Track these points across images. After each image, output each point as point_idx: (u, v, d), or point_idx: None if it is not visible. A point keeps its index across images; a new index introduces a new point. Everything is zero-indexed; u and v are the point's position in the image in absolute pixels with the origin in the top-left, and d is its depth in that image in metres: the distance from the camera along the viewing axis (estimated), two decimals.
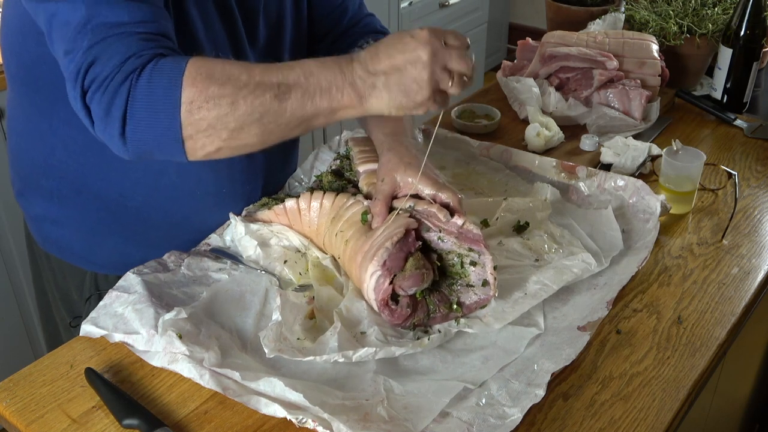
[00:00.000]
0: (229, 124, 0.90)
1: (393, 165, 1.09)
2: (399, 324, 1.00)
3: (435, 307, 1.01)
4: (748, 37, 1.58)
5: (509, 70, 1.72)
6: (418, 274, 0.99)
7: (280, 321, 0.99)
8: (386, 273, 0.99)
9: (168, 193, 1.17)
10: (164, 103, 0.88)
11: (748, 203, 1.34)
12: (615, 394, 0.95)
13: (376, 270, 0.99)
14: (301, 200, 1.14)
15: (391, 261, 0.99)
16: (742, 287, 1.14)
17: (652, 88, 1.58)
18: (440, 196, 1.05)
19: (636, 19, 1.78)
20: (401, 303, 0.99)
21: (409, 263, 1.00)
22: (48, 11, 0.91)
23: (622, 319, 1.07)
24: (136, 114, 0.88)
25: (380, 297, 0.99)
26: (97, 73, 0.88)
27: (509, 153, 1.41)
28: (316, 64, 0.92)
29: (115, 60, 0.87)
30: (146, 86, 0.87)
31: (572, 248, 1.15)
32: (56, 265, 1.27)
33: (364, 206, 1.08)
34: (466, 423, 0.88)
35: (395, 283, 0.99)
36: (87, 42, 0.88)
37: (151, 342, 0.97)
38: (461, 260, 1.03)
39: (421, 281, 0.99)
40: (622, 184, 1.29)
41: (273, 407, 0.88)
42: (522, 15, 4.23)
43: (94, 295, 1.24)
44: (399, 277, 0.99)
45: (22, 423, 0.91)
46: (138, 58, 0.88)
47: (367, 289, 1.01)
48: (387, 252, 0.99)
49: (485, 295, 1.02)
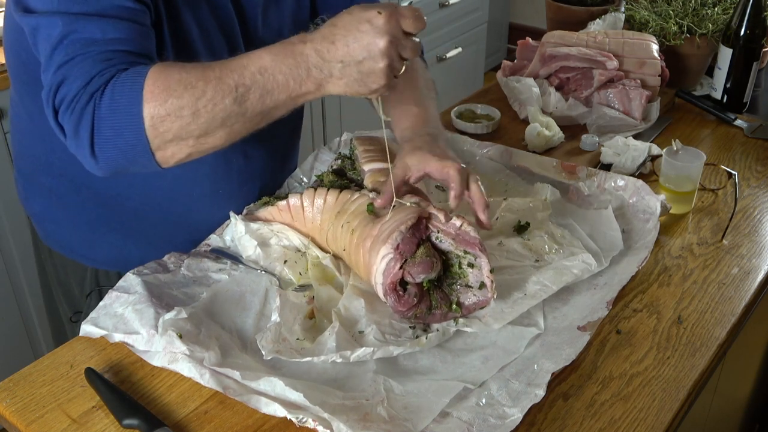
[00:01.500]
0: (194, 132, 0.91)
1: (406, 152, 1.09)
2: (403, 312, 1.00)
3: (437, 303, 1.02)
4: (748, 37, 1.58)
5: (509, 70, 1.72)
6: (429, 261, 0.99)
7: (279, 322, 0.99)
8: (398, 256, 0.98)
9: (164, 194, 1.18)
10: (128, 121, 0.89)
11: (748, 203, 1.34)
12: (615, 394, 0.95)
13: (389, 252, 0.99)
14: (304, 196, 1.14)
15: (404, 245, 0.99)
16: (742, 287, 1.14)
17: (652, 88, 1.58)
18: (452, 185, 1.05)
19: (636, 19, 1.78)
20: (409, 291, 0.99)
21: (420, 250, 1.00)
22: (30, 24, 0.93)
23: (622, 319, 1.07)
24: (103, 133, 0.90)
25: (389, 280, 0.99)
26: (65, 93, 0.90)
27: (509, 153, 1.41)
28: (270, 57, 0.91)
29: (80, 81, 0.89)
30: (109, 106, 0.89)
31: (573, 249, 1.15)
32: (58, 260, 1.28)
33: (370, 198, 1.08)
34: (466, 423, 0.88)
35: (405, 269, 0.99)
36: (59, 60, 0.90)
37: (151, 342, 0.97)
38: (459, 261, 1.03)
39: (431, 269, 0.99)
40: (622, 184, 1.29)
41: (273, 407, 0.88)
42: (522, 15, 4.23)
43: (95, 290, 1.24)
44: (409, 262, 0.99)
45: (22, 423, 0.91)
46: (101, 77, 0.90)
47: (375, 272, 1.00)
48: (401, 235, 0.99)
49: (484, 297, 1.02)
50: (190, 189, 1.18)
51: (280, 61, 0.91)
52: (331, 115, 2.77)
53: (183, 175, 1.16)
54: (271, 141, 1.26)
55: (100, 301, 1.04)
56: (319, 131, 2.75)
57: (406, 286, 1.00)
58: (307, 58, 0.90)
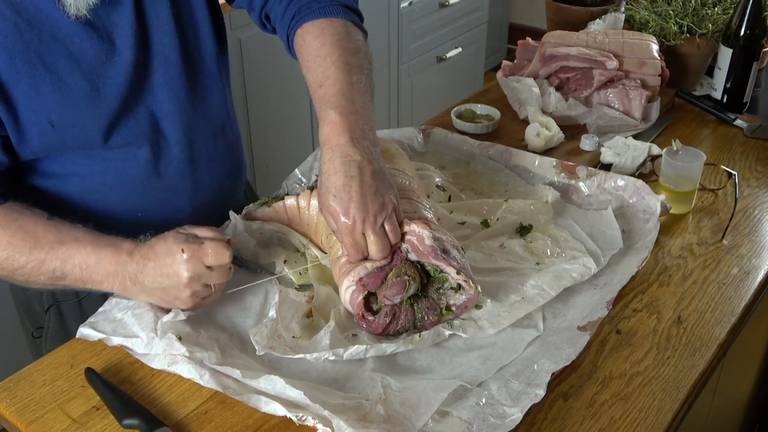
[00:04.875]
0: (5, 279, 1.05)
1: (319, 188, 1.01)
2: (380, 333, 0.99)
3: (423, 314, 1.01)
4: (748, 37, 1.58)
5: (509, 70, 1.72)
6: (400, 282, 0.98)
7: (276, 318, 0.99)
8: (361, 288, 0.98)
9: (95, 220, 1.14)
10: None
11: (748, 203, 1.34)
12: (615, 394, 0.95)
13: (351, 285, 0.99)
14: (300, 198, 1.14)
15: (369, 278, 0.98)
16: (742, 287, 1.14)
17: (652, 88, 1.58)
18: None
19: (636, 19, 1.78)
20: (379, 313, 0.99)
21: (390, 273, 0.99)
22: None
23: (622, 319, 1.07)
24: None
25: (355, 311, 0.99)
26: None
27: (509, 153, 1.41)
28: (95, 259, 1.00)
29: None
30: None
31: (574, 252, 1.15)
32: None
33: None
34: (466, 422, 0.88)
35: (379, 293, 0.98)
36: None
37: (151, 345, 0.97)
38: (433, 267, 1.01)
39: (404, 289, 0.98)
40: (622, 184, 1.29)
41: (273, 405, 0.88)
42: (522, 15, 4.23)
43: (53, 305, 1.23)
44: (382, 287, 0.98)
45: (22, 423, 0.91)
46: None
47: (344, 302, 1.01)
48: (365, 270, 0.99)
49: (469, 295, 1.01)
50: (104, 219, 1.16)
51: (102, 265, 1.00)
52: None
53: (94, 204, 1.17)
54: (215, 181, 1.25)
55: (101, 307, 1.04)
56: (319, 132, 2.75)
57: (375, 308, 0.99)
58: (125, 269, 1.00)
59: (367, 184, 0.97)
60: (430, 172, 1.33)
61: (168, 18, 1.10)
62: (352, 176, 0.97)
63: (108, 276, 1.00)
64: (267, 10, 1.20)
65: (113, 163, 1.13)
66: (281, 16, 1.16)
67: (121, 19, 1.06)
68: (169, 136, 1.15)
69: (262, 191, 1.95)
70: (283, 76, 2.49)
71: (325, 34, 1.09)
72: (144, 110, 1.11)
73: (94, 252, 1.00)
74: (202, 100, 1.18)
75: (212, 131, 1.21)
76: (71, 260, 1.00)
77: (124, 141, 1.11)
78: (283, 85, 2.52)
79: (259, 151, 2.48)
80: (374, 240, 0.97)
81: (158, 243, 0.99)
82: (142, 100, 1.11)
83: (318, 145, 1.04)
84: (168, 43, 1.11)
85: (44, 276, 1.01)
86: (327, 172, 0.98)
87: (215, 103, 1.21)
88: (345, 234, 0.97)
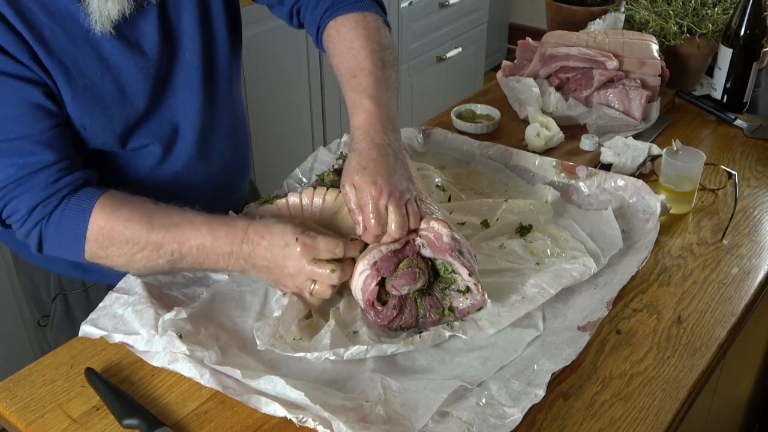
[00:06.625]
0: (122, 268, 1.06)
1: (353, 170, 1.02)
2: (385, 325, 1.00)
3: (426, 311, 1.01)
4: (748, 37, 1.58)
5: (509, 70, 1.72)
6: (411, 272, 0.98)
7: (279, 318, 0.99)
8: (375, 273, 0.98)
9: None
10: (71, 248, 1.04)
11: (748, 203, 1.34)
12: (615, 394, 0.95)
13: (366, 269, 0.99)
14: (303, 195, 1.14)
15: (383, 262, 0.99)
16: (742, 287, 1.14)
17: (652, 88, 1.58)
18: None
19: (636, 19, 1.78)
20: (388, 304, 0.99)
21: (402, 263, 1.00)
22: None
23: (622, 319, 1.07)
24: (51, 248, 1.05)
25: (366, 297, 0.99)
26: (10, 213, 1.02)
27: (509, 153, 1.41)
28: (211, 239, 1.01)
29: (22, 211, 1.01)
30: (55, 231, 1.02)
31: (574, 252, 1.15)
32: (23, 265, 1.28)
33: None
34: (466, 423, 0.88)
35: (388, 282, 0.99)
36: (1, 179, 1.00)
37: (151, 342, 0.97)
38: (445, 267, 1.02)
39: (413, 280, 0.98)
40: (622, 184, 1.29)
41: (273, 406, 0.88)
42: (522, 15, 4.23)
43: (60, 294, 1.24)
44: (392, 276, 0.99)
45: (22, 423, 0.91)
46: (44, 208, 1.01)
47: (355, 287, 1.01)
48: (380, 254, 0.99)
49: (475, 300, 1.01)
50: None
51: (218, 246, 1.02)
52: (331, 116, 2.77)
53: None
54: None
55: (101, 302, 1.05)
56: (319, 132, 2.76)
57: (385, 299, 1.00)
58: (239, 252, 1.01)
59: (396, 165, 1.03)
60: (430, 172, 1.33)
61: (190, 22, 1.12)
62: (384, 155, 1.02)
63: (225, 255, 1.02)
64: (300, 4, 1.23)
65: (123, 159, 1.14)
66: (313, 8, 1.21)
67: (147, 27, 1.07)
68: (186, 137, 1.17)
69: (262, 191, 1.94)
70: (284, 76, 2.49)
71: (359, 27, 1.14)
72: (166, 112, 1.13)
73: (210, 233, 1.01)
74: (218, 101, 1.20)
75: (225, 131, 1.24)
76: (188, 242, 1.01)
77: (141, 143, 1.13)
78: (284, 85, 2.52)
79: (259, 151, 2.48)
80: (396, 215, 0.99)
81: (276, 225, 1.01)
82: (165, 103, 1.13)
83: (318, 145, 1.05)
84: (190, 47, 1.13)
85: (163, 259, 1.02)
86: (359, 150, 1.03)
87: (229, 103, 1.23)
88: (370, 204, 0.99)
